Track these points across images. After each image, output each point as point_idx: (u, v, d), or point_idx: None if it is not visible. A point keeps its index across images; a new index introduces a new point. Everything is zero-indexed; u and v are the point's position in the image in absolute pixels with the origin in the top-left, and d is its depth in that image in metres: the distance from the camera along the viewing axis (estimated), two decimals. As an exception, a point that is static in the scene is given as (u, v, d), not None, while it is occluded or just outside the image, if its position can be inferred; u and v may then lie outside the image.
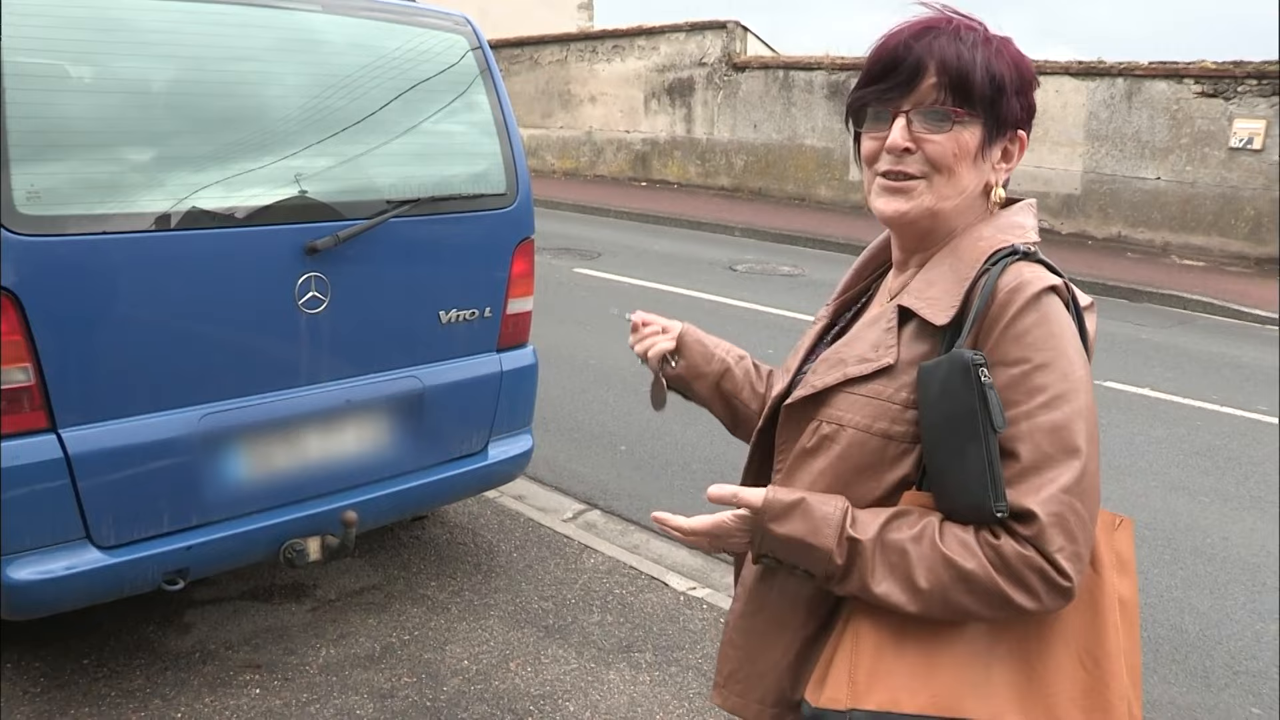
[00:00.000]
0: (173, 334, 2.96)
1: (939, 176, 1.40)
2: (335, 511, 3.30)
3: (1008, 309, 1.31)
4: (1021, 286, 1.32)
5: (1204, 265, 12.57)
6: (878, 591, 1.32)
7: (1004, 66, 1.39)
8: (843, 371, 1.42)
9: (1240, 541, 4.85)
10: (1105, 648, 1.33)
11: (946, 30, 1.39)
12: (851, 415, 1.40)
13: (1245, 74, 12.45)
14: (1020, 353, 1.30)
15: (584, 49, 19.62)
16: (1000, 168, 1.44)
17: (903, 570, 1.30)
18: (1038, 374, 1.29)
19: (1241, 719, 3.48)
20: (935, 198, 1.41)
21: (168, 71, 3.03)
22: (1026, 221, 1.45)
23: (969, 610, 1.29)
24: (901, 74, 1.38)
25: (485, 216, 3.68)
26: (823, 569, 1.36)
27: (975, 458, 1.27)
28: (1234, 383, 7.76)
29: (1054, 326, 1.31)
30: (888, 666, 1.33)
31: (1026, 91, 1.42)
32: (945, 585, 1.29)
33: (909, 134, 1.39)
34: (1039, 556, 1.26)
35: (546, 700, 3.28)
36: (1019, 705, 1.31)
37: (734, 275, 11.17)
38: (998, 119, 1.40)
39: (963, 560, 1.28)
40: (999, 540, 1.28)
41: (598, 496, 5.04)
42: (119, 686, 3.22)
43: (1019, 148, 1.45)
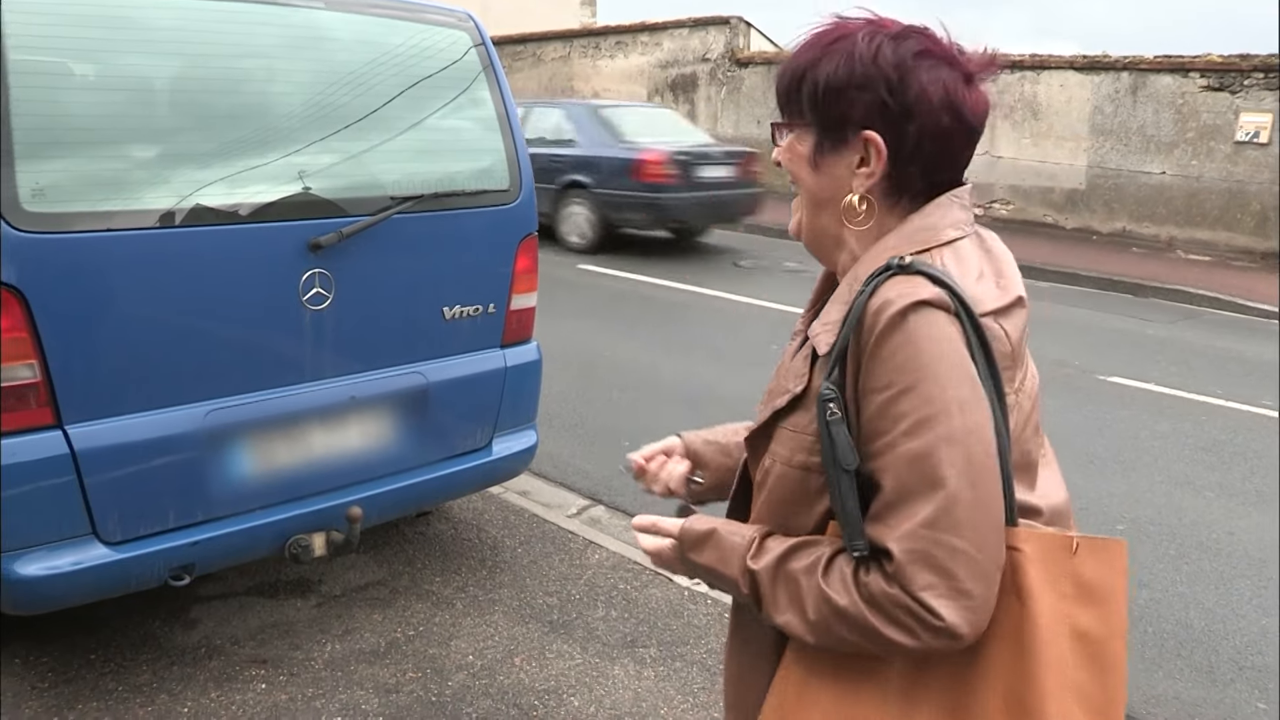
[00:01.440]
0: (177, 330, 2.96)
1: (799, 187, 1.39)
2: (340, 507, 3.31)
3: (872, 332, 1.21)
4: (884, 306, 1.21)
5: (1209, 260, 12.55)
6: (779, 621, 1.28)
7: (832, 64, 1.30)
8: (772, 405, 1.36)
9: (1246, 537, 4.84)
10: (1035, 689, 1.20)
11: (812, 40, 1.34)
12: (779, 448, 1.34)
13: (1252, 67, 12.43)
14: (885, 378, 1.20)
15: (587, 45, 19.63)
16: (861, 174, 1.32)
17: (798, 602, 1.26)
18: (900, 400, 1.19)
19: (1247, 714, 3.48)
20: (804, 210, 1.41)
21: (171, 68, 3.04)
22: (940, 220, 1.32)
23: (856, 645, 1.23)
24: (779, 87, 1.39)
25: (488, 213, 3.68)
26: (738, 596, 1.35)
27: (834, 496, 1.23)
28: (1239, 377, 7.75)
29: (920, 345, 1.19)
30: (811, 699, 1.29)
31: (868, 87, 1.28)
32: (827, 619, 1.23)
33: (777, 148, 1.40)
34: (904, 595, 1.17)
35: (551, 695, 3.29)
36: None
37: (738, 270, 11.18)
38: (826, 121, 1.32)
39: (837, 596, 1.22)
40: (868, 577, 1.21)
41: (602, 492, 5.05)
42: (126, 681, 3.23)
43: (877, 151, 1.30)
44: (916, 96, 1.27)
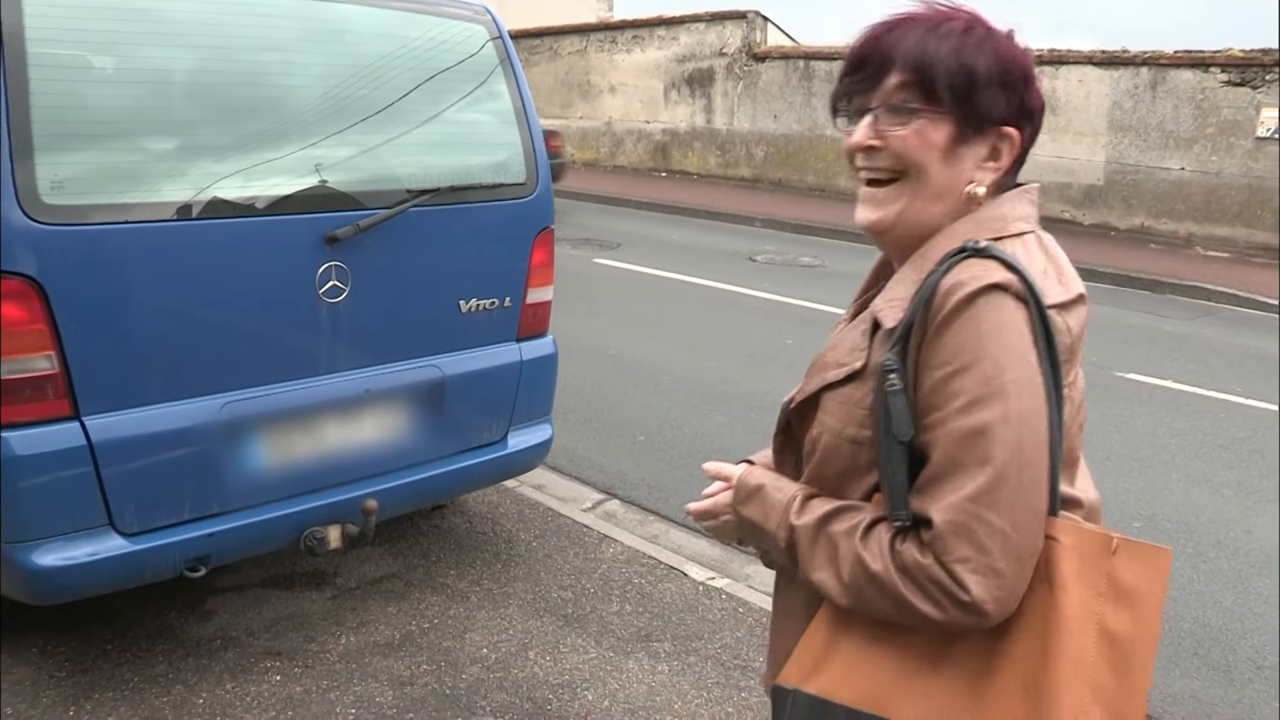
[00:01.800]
0: (194, 323, 2.97)
1: (910, 176, 1.35)
2: (355, 500, 3.32)
3: (940, 311, 1.25)
4: (957, 286, 1.24)
5: (1228, 256, 12.46)
6: (814, 579, 1.33)
7: (980, 58, 1.32)
8: (823, 376, 1.40)
9: (1264, 535, 4.81)
10: (1052, 678, 1.21)
11: (921, 23, 1.34)
12: (828, 419, 1.38)
13: (1273, 62, 12.31)
14: (943, 356, 1.24)
15: (603, 39, 19.60)
16: (988, 167, 1.36)
17: (834, 564, 1.30)
18: (957, 378, 1.22)
19: (1265, 714, 3.46)
20: (910, 200, 1.36)
21: (189, 61, 3.04)
22: (1011, 212, 1.36)
23: (885, 612, 1.27)
24: (869, 68, 1.35)
25: (505, 206, 3.68)
26: (779, 554, 1.40)
27: (883, 465, 1.27)
28: (1258, 375, 7.69)
29: (985, 326, 1.22)
30: (833, 655, 1.34)
31: (1013, 85, 1.34)
32: (859, 583, 1.27)
33: (874, 131, 1.35)
34: (937, 566, 1.21)
35: (565, 689, 3.29)
36: (950, 717, 1.26)
37: (754, 266, 11.15)
38: (972, 114, 1.33)
39: (871, 561, 1.26)
40: (903, 546, 1.24)
41: (617, 486, 5.05)
42: (142, 672, 3.24)
43: (1010, 146, 1.36)
44: (1035, 98, 1.38)
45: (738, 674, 3.43)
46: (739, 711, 3.23)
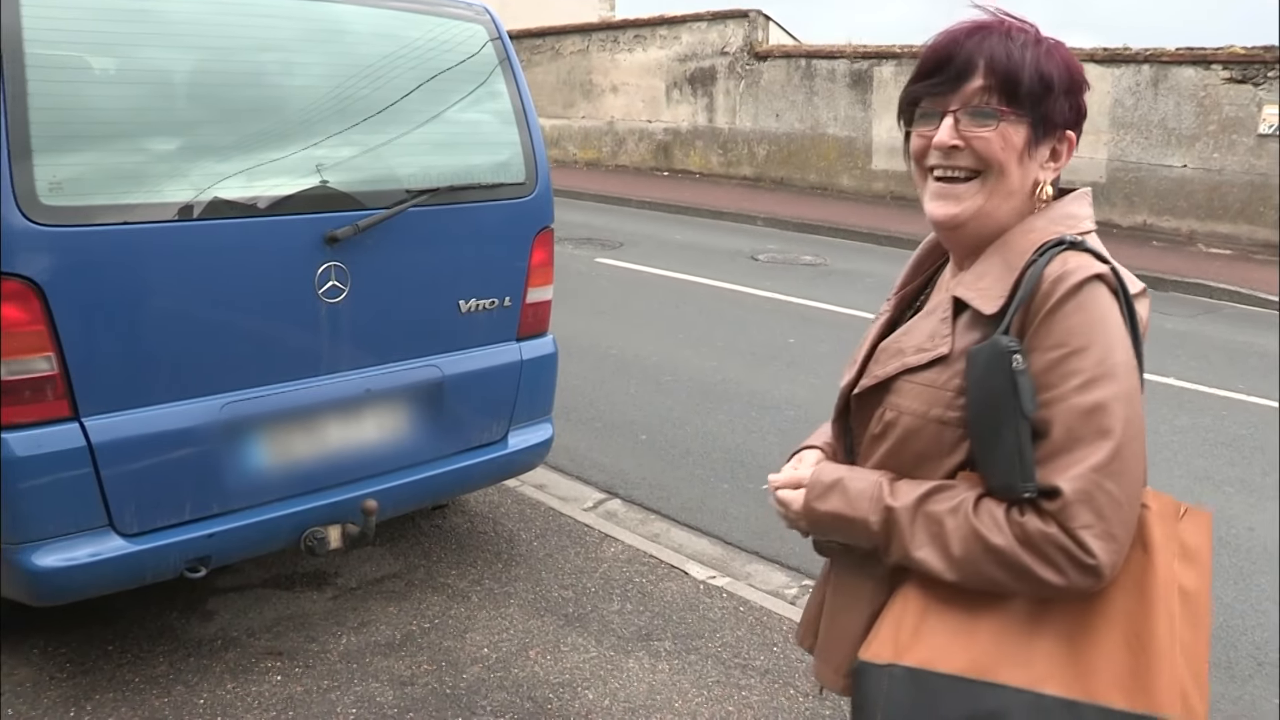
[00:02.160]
0: (194, 323, 2.98)
1: (989, 174, 1.44)
2: (356, 500, 3.32)
3: (1051, 296, 1.35)
4: (1065, 275, 1.36)
5: (1231, 254, 12.44)
6: (917, 556, 1.39)
7: (1053, 67, 1.43)
8: (901, 361, 1.48)
9: (1265, 532, 4.80)
10: (1154, 632, 1.33)
11: (998, 31, 1.43)
12: (909, 403, 1.46)
13: (1275, 59, 12.29)
14: (1057, 338, 1.34)
15: (605, 39, 19.60)
16: (1049, 167, 1.47)
17: (940, 539, 1.36)
18: (1073, 358, 1.33)
19: (1266, 710, 3.45)
20: (986, 197, 1.45)
21: (188, 62, 3.05)
22: (1079, 211, 1.48)
23: (1000, 583, 1.35)
24: (951, 71, 1.42)
25: (504, 206, 3.68)
26: (864, 539, 1.45)
27: (1007, 440, 1.33)
28: (1260, 372, 7.68)
29: (1094, 313, 1.34)
30: (930, 627, 1.39)
31: (1076, 92, 1.46)
32: (976, 557, 1.34)
33: (956, 132, 1.43)
34: (1063, 534, 1.30)
35: (566, 688, 3.29)
36: (1058, 676, 1.34)
37: (756, 265, 11.15)
38: (1045, 118, 1.43)
39: (990, 535, 1.34)
40: (1024, 518, 1.33)
41: (618, 485, 5.05)
42: (142, 673, 3.25)
43: (1068, 148, 1.48)
44: (1084, 105, 1.49)
45: (738, 672, 3.43)
46: (739, 710, 3.23)
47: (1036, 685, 1.33)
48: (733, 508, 4.85)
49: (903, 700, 1.36)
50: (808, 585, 4.15)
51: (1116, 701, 1.32)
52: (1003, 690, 1.33)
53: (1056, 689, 1.33)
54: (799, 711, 3.25)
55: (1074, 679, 1.33)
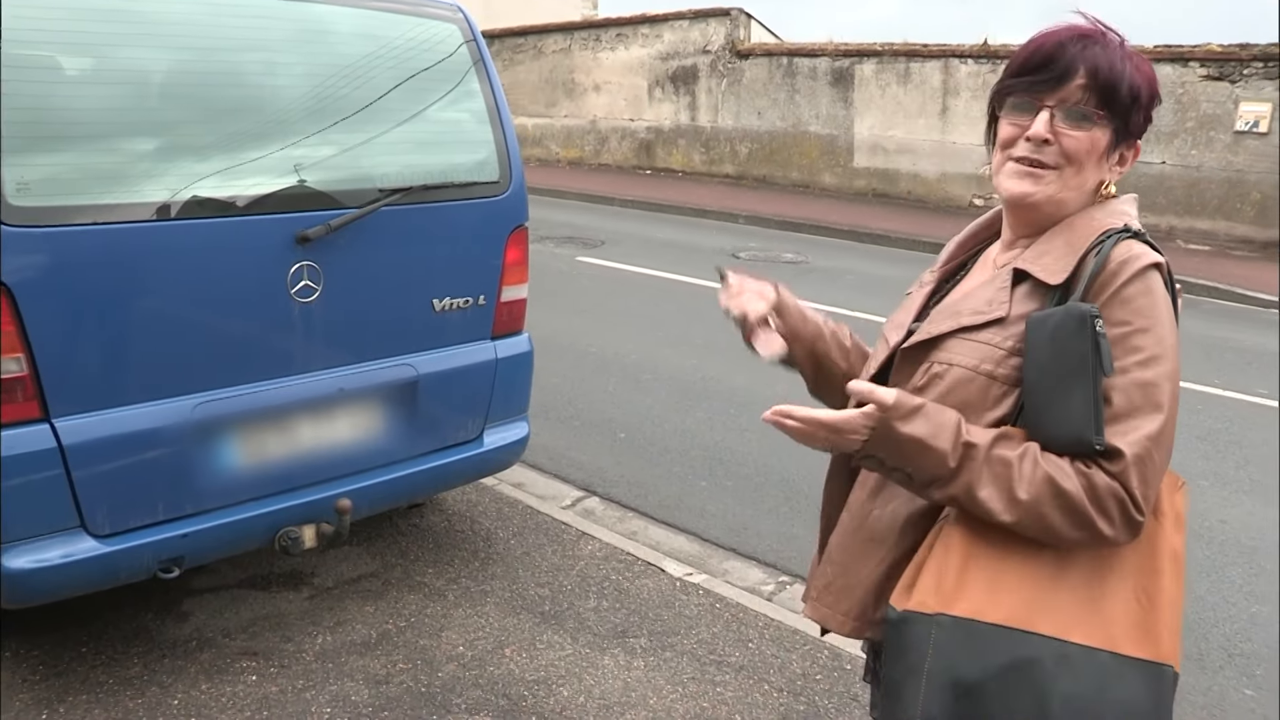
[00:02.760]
0: (166, 323, 2.97)
1: (1069, 169, 1.55)
2: (330, 499, 3.32)
3: (1118, 277, 1.47)
4: (1132, 259, 1.48)
5: (1209, 249, 12.53)
6: (980, 495, 1.45)
7: (1142, 81, 1.55)
8: (957, 320, 1.59)
9: (1238, 525, 4.85)
10: (1160, 587, 1.47)
11: (1099, 40, 1.54)
12: (960, 357, 1.56)
13: (1251, 57, 12.39)
14: (1124, 315, 1.46)
15: (588, 37, 19.59)
16: (1115, 170, 1.60)
17: (1005, 481, 1.43)
18: (1137, 336, 1.45)
19: (1235, 700, 3.49)
20: (1060, 187, 1.57)
21: (159, 62, 3.04)
22: (1131, 210, 1.61)
23: (1055, 528, 1.42)
24: (1054, 71, 1.53)
25: (478, 205, 3.69)
26: (932, 471, 1.47)
27: (1081, 396, 1.41)
28: (1236, 366, 7.74)
29: (1155, 297, 1.47)
30: (972, 579, 1.46)
31: (1151, 107, 1.58)
32: (1041, 500, 1.41)
33: (1051, 127, 1.53)
34: (1123, 490, 1.40)
35: (541, 685, 3.30)
36: (1081, 626, 1.44)
37: (738, 263, 11.16)
38: (1127, 127, 1.56)
39: (1061, 480, 1.41)
40: (1090, 470, 1.42)
41: (596, 483, 5.06)
42: (116, 674, 3.24)
43: (1134, 155, 1.62)
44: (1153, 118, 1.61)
45: (713, 669, 3.44)
46: (713, 706, 3.24)
47: (1063, 633, 1.43)
48: (710, 505, 4.86)
49: (950, 647, 1.44)
50: (784, 581, 4.17)
51: (1129, 649, 1.44)
52: (1037, 638, 1.43)
53: (1080, 637, 1.43)
54: (773, 706, 3.26)
55: (1095, 628, 1.44)
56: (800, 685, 3.38)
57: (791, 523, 4.66)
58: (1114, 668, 1.43)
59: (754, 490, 5.05)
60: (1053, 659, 1.42)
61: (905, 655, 1.48)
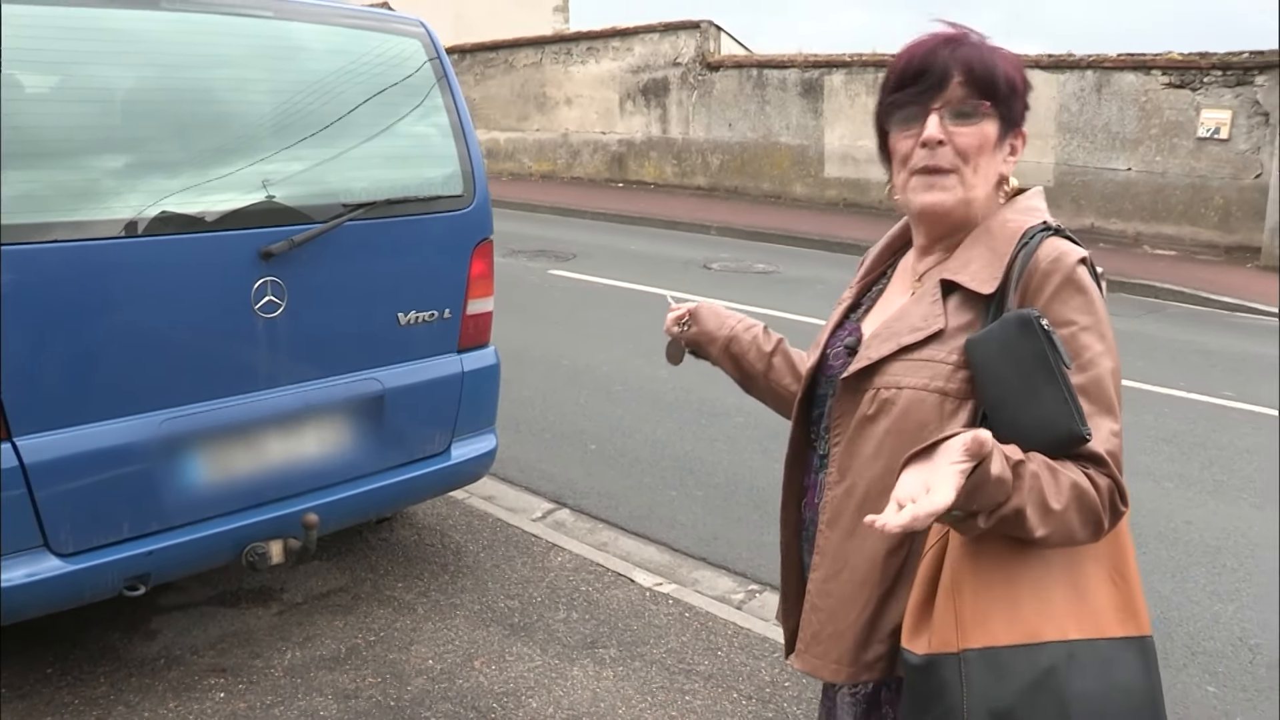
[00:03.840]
0: (130, 340, 2.97)
1: (966, 169, 1.58)
2: (297, 514, 3.32)
3: (1051, 277, 1.50)
4: (1061, 258, 1.51)
5: (1175, 254, 12.67)
6: (1026, 514, 1.38)
7: (1013, 71, 1.59)
8: (897, 341, 1.58)
9: (1203, 525, 4.91)
10: (1128, 565, 1.52)
11: (966, 42, 1.59)
12: (908, 378, 1.56)
13: (1211, 65, 12.57)
14: (1067, 315, 1.49)
15: (559, 51, 19.64)
16: (1009, 161, 1.63)
17: (1039, 495, 1.39)
18: (1082, 335, 1.48)
19: (1198, 698, 3.53)
20: (966, 188, 1.59)
21: (124, 80, 3.04)
22: (1040, 205, 1.64)
23: (1074, 532, 1.43)
24: (932, 77, 1.56)
25: (443, 218, 3.70)
26: (995, 499, 1.35)
27: (1052, 395, 1.42)
28: (1201, 369, 7.84)
29: (1091, 294, 1.51)
30: (980, 608, 1.46)
31: (1026, 94, 1.62)
32: (1069, 507, 1.41)
33: (942, 128, 1.56)
34: (1113, 483, 1.45)
35: (510, 697, 3.31)
36: (1076, 620, 1.47)
37: (709, 274, 11.21)
38: (1010, 116, 1.60)
39: (1082, 483, 1.42)
40: (1088, 470, 1.44)
41: (567, 495, 5.07)
42: (82, 694, 3.23)
43: (1021, 143, 1.65)
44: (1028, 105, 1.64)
45: (682, 678, 3.46)
46: (682, 715, 3.26)
47: (1064, 634, 1.45)
48: (681, 515, 4.88)
49: (981, 681, 1.43)
50: (754, 590, 4.19)
51: (1118, 631, 1.48)
52: (1048, 647, 1.44)
53: (1077, 632, 1.46)
54: (743, 714, 3.28)
55: (1086, 619, 1.47)
56: (769, 693, 3.40)
57: (761, 531, 4.68)
58: (1110, 653, 1.47)
59: (724, 500, 5.07)
60: (1064, 662, 1.44)
61: (940, 698, 1.45)
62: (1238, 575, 4.42)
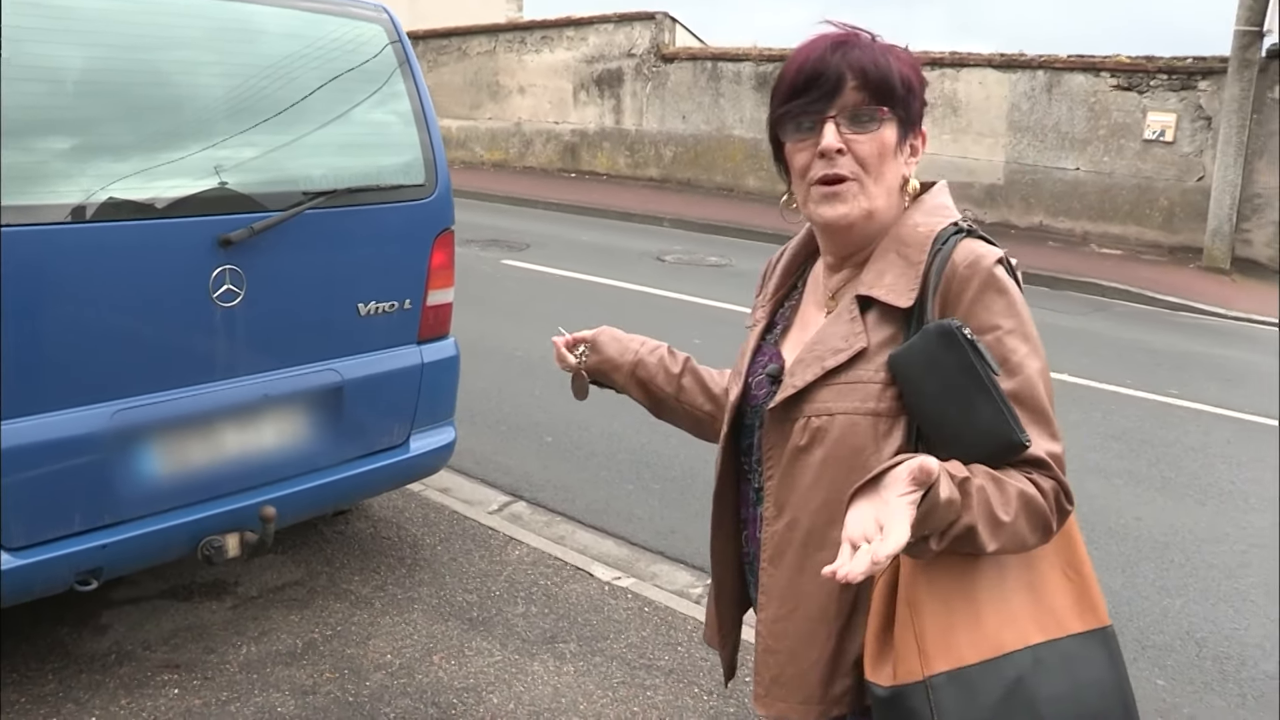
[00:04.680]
0: (83, 329, 2.90)
1: (867, 177, 1.51)
2: (254, 507, 3.26)
3: (970, 282, 1.46)
4: (978, 260, 1.46)
5: (1121, 254, 12.89)
6: (977, 529, 1.35)
7: (909, 70, 1.53)
8: (821, 365, 1.51)
9: (1152, 521, 4.99)
10: (1080, 558, 1.52)
11: (857, 43, 1.51)
12: (839, 403, 1.49)
13: (1157, 69, 12.80)
14: (990, 320, 1.45)
15: (512, 40, 19.51)
16: (910, 162, 1.57)
17: (987, 508, 1.36)
18: (1007, 339, 1.44)
19: (1148, 691, 3.59)
20: (869, 198, 1.52)
21: (75, 59, 2.96)
22: (947, 202, 1.58)
23: (1025, 540, 1.41)
24: (825, 84, 1.49)
25: (404, 208, 3.66)
26: (946, 520, 1.33)
27: (986, 405, 1.39)
28: (1147, 367, 7.98)
29: (1012, 294, 1.47)
30: (944, 627, 1.42)
31: (923, 92, 1.57)
32: (1018, 517, 1.39)
33: (839, 137, 1.49)
34: (1057, 484, 1.42)
35: (470, 693, 3.28)
36: (1037, 624, 1.46)
37: (662, 266, 11.21)
38: (908, 118, 1.54)
39: (1028, 490, 1.40)
40: (1032, 475, 1.42)
41: (523, 488, 5.04)
42: (29, 692, 3.15)
43: (921, 142, 1.59)
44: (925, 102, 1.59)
45: (643, 673, 3.45)
46: (644, 710, 3.25)
47: (1028, 639, 1.44)
48: (638, 509, 4.88)
49: (951, 705, 1.40)
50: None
51: (1078, 626, 1.48)
52: (1013, 656, 1.43)
53: (1040, 635, 1.45)
54: (703, 710, 3.28)
55: (1046, 618, 1.46)
56: (730, 688, 3.39)
57: (719, 525, 4.68)
58: (1074, 650, 1.46)
59: (681, 493, 5.07)
60: (1030, 669, 1.42)
61: None
62: (1185, 570, 4.51)
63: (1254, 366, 8.33)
